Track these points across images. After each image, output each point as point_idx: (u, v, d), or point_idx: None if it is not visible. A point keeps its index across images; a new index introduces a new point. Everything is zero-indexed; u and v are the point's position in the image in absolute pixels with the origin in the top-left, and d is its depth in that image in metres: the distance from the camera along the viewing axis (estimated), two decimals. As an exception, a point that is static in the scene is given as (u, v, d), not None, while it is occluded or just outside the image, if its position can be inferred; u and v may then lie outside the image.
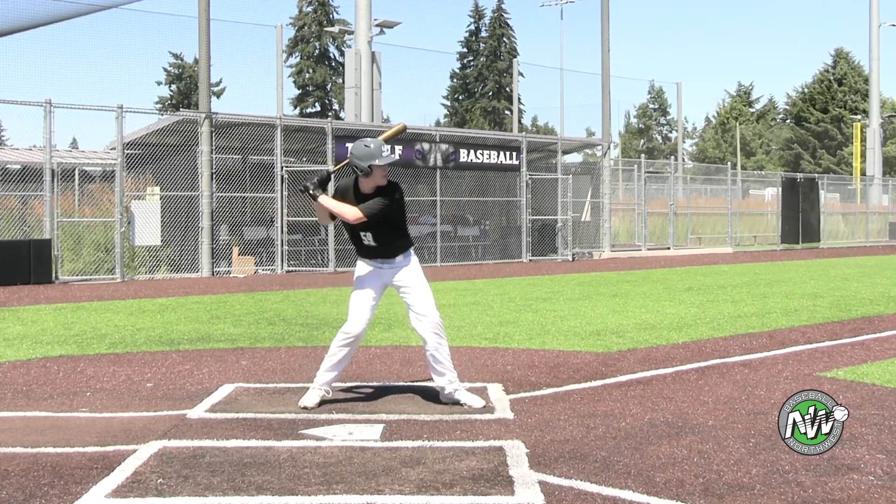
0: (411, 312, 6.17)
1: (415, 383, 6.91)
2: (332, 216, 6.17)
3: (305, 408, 5.99)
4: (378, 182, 6.01)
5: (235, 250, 20.07)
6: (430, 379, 7.02)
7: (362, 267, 6.21)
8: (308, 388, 6.22)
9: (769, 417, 5.71)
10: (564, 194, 25.65)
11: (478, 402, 6.11)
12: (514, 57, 68.79)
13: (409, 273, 6.16)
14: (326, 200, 6.05)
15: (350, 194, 6.08)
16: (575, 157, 38.30)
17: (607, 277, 18.45)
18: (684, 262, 24.08)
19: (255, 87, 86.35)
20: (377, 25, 27.37)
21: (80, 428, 5.56)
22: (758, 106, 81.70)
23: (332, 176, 6.22)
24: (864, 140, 53.47)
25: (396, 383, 6.91)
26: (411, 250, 6.26)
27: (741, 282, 17.05)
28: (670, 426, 5.57)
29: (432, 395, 6.41)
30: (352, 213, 5.99)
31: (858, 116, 61.79)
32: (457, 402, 6.09)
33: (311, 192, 6.02)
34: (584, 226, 27.27)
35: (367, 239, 6.10)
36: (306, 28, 67.25)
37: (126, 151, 18.25)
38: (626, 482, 4.45)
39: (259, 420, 5.74)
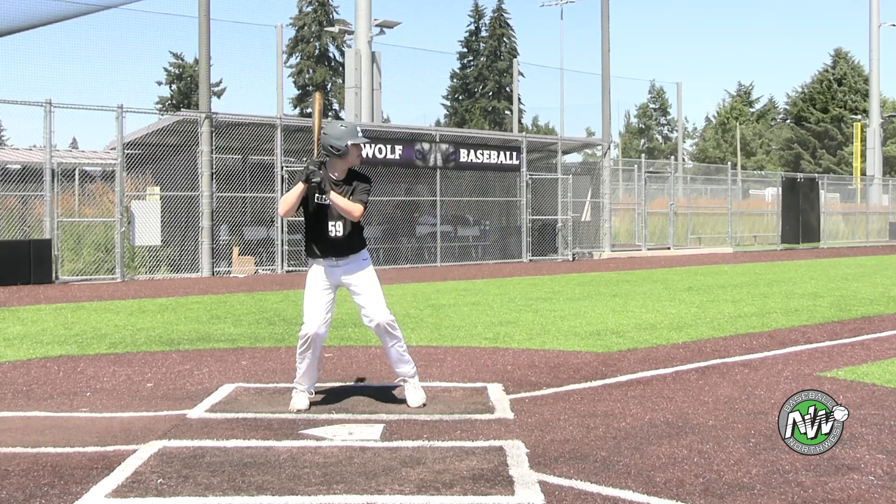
0: (362, 313, 6.13)
1: (415, 383, 6.90)
2: (297, 207, 6.00)
3: (299, 410, 5.97)
4: (352, 163, 6.00)
5: (235, 250, 20.07)
6: (429, 379, 7.03)
7: (314, 269, 6.11)
8: (293, 393, 6.17)
9: (769, 417, 5.71)
10: (564, 194, 25.65)
11: (416, 401, 6.10)
12: (514, 57, 68.83)
13: (361, 274, 6.08)
14: (337, 198, 5.93)
15: (324, 183, 5.96)
16: (575, 157, 38.34)
17: (607, 277, 18.45)
18: (684, 262, 24.07)
19: (255, 87, 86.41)
20: (377, 25, 27.36)
21: (80, 428, 5.56)
22: (758, 106, 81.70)
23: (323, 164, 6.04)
24: (864, 140, 53.46)
25: (396, 383, 6.90)
26: (365, 251, 6.19)
27: (741, 282, 17.05)
28: (670, 426, 5.57)
29: (431, 395, 6.41)
30: (357, 209, 5.95)
31: (858, 116, 61.79)
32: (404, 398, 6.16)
33: (324, 188, 5.91)
34: (584, 226, 27.27)
35: (336, 230, 5.97)
36: (306, 28, 67.27)
37: (126, 151, 18.24)
38: (626, 482, 4.45)
39: (259, 420, 5.74)
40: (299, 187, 5.89)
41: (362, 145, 6.02)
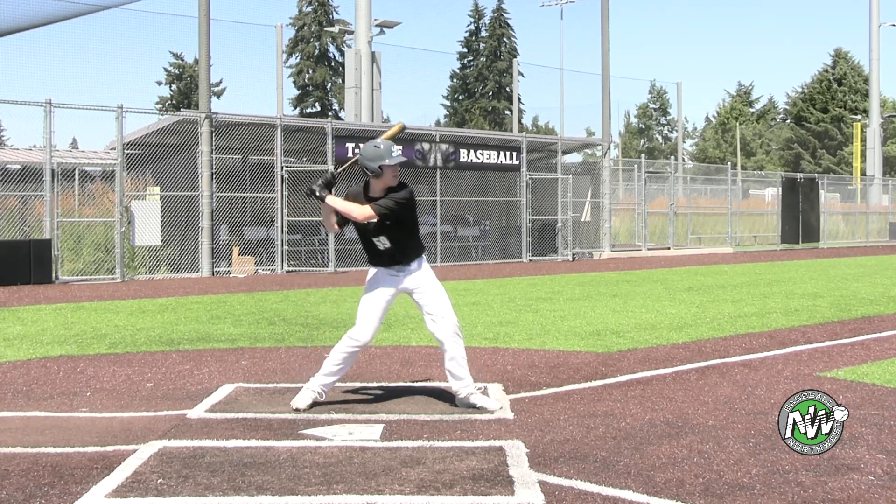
0: (426, 315, 6.07)
1: (415, 383, 6.91)
2: (341, 222, 6.05)
3: (297, 409, 5.94)
4: (389, 183, 5.92)
5: (235, 250, 20.07)
6: (430, 379, 7.03)
7: (375, 273, 6.11)
8: (301, 389, 6.16)
9: (769, 417, 5.71)
10: (564, 194, 25.65)
11: (494, 404, 5.99)
12: (514, 57, 68.80)
13: (423, 277, 6.07)
14: (334, 200, 5.92)
15: (361, 199, 5.97)
16: (575, 157, 38.33)
17: (607, 277, 18.45)
18: (684, 262, 24.07)
19: (255, 87, 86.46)
20: (377, 25, 27.37)
21: (80, 428, 5.56)
22: (758, 106, 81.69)
23: (336, 177, 6.10)
24: (864, 140, 53.46)
25: (396, 383, 6.91)
26: (424, 256, 6.17)
27: (741, 282, 17.04)
28: (670, 426, 5.57)
29: (432, 395, 6.41)
30: (360, 211, 5.88)
31: (858, 116, 61.79)
32: (472, 406, 5.97)
33: (317, 193, 5.90)
34: (584, 226, 27.27)
35: (382, 243, 5.98)
36: (306, 28, 67.25)
37: (126, 151, 18.24)
38: (626, 482, 4.45)
39: (259, 420, 5.74)
40: (328, 202, 5.92)
41: (396, 167, 5.90)
